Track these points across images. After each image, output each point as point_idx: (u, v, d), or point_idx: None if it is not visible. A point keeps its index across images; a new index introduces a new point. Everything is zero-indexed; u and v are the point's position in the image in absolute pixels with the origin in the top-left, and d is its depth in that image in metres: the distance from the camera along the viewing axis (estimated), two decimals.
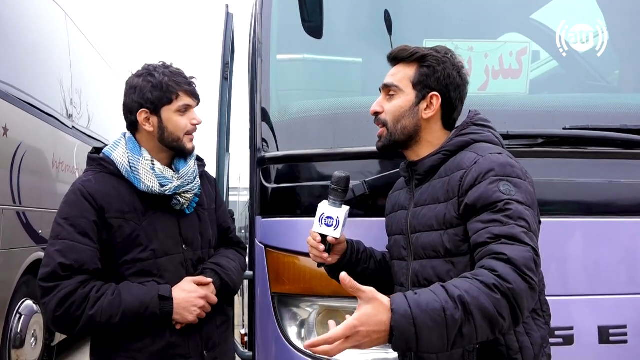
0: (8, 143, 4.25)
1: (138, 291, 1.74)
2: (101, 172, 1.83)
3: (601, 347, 1.91)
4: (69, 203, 1.76)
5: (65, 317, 1.67)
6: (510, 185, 1.39)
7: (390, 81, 1.62)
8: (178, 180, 1.83)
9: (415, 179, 1.62)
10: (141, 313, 1.72)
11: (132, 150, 1.84)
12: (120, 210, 1.77)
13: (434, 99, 1.58)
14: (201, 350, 1.86)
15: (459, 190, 1.45)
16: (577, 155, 2.02)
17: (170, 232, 1.85)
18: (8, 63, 4.34)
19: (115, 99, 7.92)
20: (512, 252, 1.27)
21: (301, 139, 2.16)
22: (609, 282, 1.97)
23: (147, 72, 1.84)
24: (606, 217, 1.99)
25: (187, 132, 1.86)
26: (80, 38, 6.33)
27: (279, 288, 2.08)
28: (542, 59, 2.47)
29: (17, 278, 4.37)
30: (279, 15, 2.30)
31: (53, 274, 1.67)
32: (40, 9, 5.22)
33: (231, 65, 3.28)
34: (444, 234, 1.49)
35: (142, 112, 1.83)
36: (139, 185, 1.80)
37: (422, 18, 2.40)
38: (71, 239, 1.69)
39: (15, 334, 4.39)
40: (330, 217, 1.62)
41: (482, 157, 1.45)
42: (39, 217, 4.81)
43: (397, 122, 1.60)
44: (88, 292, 1.68)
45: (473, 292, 1.21)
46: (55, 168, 5.30)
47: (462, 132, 1.59)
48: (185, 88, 1.85)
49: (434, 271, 1.51)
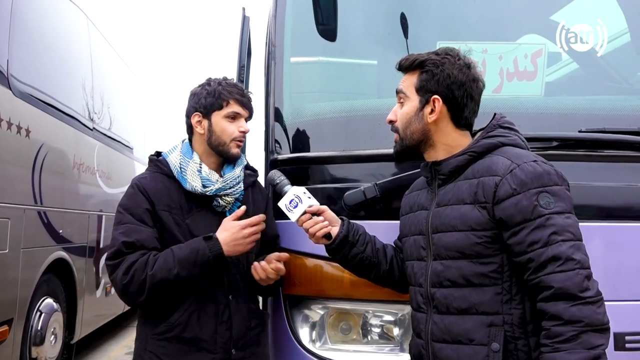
0: (30, 144, 4.33)
1: (186, 243, 1.90)
2: (156, 172, 2.02)
3: (617, 354, 1.87)
4: (127, 196, 1.98)
5: (132, 283, 1.84)
6: (549, 196, 1.43)
7: (399, 88, 1.67)
8: (220, 184, 1.96)
9: (439, 179, 1.62)
10: (194, 259, 1.85)
11: (185, 153, 2.03)
12: (167, 205, 1.95)
13: (435, 102, 1.60)
14: (229, 347, 1.93)
15: (494, 197, 1.47)
16: (594, 158, 1.99)
17: (209, 229, 1.95)
18: (30, 66, 4.43)
19: (135, 100, 8.05)
20: (563, 282, 1.37)
21: (313, 142, 2.17)
22: (626, 288, 1.93)
23: (206, 82, 2.05)
24: (623, 222, 1.96)
25: (233, 138, 1.99)
26: (102, 41, 6.43)
27: (290, 290, 2.09)
28: (561, 61, 2.44)
29: (37, 277, 4.45)
30: (292, 17, 2.32)
31: (118, 252, 1.87)
32: (62, 13, 5.32)
33: (247, 68, 3.30)
34: (470, 235, 1.50)
35: (195, 115, 2.02)
36: (185, 184, 1.97)
37: (436, 20, 2.38)
38: (131, 223, 1.91)
39: (35, 332, 4.47)
40: (291, 201, 1.76)
41: (518, 167, 1.47)
42: (60, 217, 4.90)
43: (406, 128, 1.64)
44: (147, 258, 1.86)
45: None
46: (75, 169, 5.39)
47: (489, 134, 1.60)
48: (236, 97, 2.00)
49: (460, 272, 1.51)
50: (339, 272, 1.96)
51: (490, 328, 1.46)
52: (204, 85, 2.04)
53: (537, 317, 1.45)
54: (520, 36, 2.45)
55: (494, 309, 1.47)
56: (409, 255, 1.71)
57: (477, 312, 1.49)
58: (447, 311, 1.53)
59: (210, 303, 1.93)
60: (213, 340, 1.92)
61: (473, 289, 1.49)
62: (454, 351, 1.50)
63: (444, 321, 1.53)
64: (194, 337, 1.90)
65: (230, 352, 1.93)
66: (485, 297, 1.48)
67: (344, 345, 2.02)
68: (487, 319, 1.47)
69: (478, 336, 1.47)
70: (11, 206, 4.04)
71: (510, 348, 1.45)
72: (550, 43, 2.23)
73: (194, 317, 1.91)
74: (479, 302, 1.48)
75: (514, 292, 1.47)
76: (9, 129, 3.96)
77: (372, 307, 2.01)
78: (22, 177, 4.24)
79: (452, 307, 1.52)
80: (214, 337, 1.92)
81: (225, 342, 1.93)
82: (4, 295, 3.97)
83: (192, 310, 1.91)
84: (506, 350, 1.45)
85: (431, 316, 1.58)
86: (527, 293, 1.47)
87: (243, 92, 2.03)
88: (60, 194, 5.01)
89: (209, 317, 1.92)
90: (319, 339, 2.04)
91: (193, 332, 1.90)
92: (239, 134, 2.00)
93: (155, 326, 1.93)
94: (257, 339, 2.03)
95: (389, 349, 2.01)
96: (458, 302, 1.51)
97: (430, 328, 1.57)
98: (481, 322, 1.48)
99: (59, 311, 4.84)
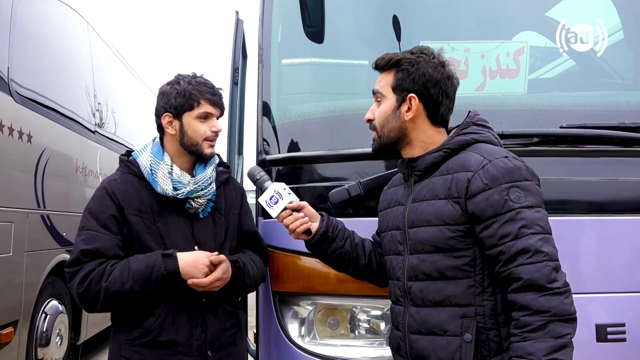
0: (32, 149, 4.40)
1: (144, 257, 1.87)
2: (127, 173, 1.99)
3: (599, 345, 1.91)
4: (94, 199, 1.95)
5: (87, 293, 1.83)
6: (520, 191, 1.47)
7: (375, 88, 1.71)
8: (191, 186, 1.93)
9: (415, 175, 1.67)
10: (149, 275, 1.82)
11: (156, 154, 1.99)
12: (138, 209, 1.92)
13: (412, 100, 1.63)
14: (205, 350, 1.93)
15: (466, 192, 1.51)
16: (574, 153, 2.02)
17: (182, 233, 1.94)
18: (30, 71, 4.50)
19: (137, 102, 8.12)
20: (532, 273, 1.41)
21: (300, 142, 2.21)
22: (607, 280, 1.96)
23: (175, 81, 2.01)
24: (604, 216, 1.99)
25: (206, 138, 1.97)
26: (102, 45, 6.50)
27: (279, 287, 2.13)
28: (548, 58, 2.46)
29: (42, 279, 4.52)
30: (279, 20, 2.36)
31: (76, 259, 1.86)
32: (62, 18, 5.39)
33: (243, 71, 3.34)
34: (444, 229, 1.54)
35: (166, 116, 1.98)
36: (156, 187, 1.93)
37: (422, 20, 2.42)
38: (94, 230, 1.88)
39: (41, 333, 4.54)
40: (271, 197, 1.77)
41: (490, 162, 1.51)
42: (63, 220, 4.96)
43: (384, 127, 1.67)
44: (104, 268, 1.84)
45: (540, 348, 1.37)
46: (78, 173, 5.46)
47: (463, 131, 1.64)
48: (207, 97, 1.97)
49: (434, 266, 1.56)
50: (327, 268, 1.99)
51: (463, 319, 1.51)
52: (173, 84, 1.99)
53: (508, 308, 1.49)
54: (510, 36, 2.48)
55: (467, 301, 1.52)
56: (387, 250, 1.75)
57: (451, 304, 1.53)
58: (423, 304, 1.58)
59: (184, 306, 1.91)
60: (189, 343, 1.91)
61: (447, 282, 1.54)
62: (429, 342, 1.55)
63: (420, 313, 1.58)
64: (170, 340, 1.89)
65: (206, 354, 1.93)
66: (458, 290, 1.52)
67: (332, 340, 2.06)
68: (460, 311, 1.52)
69: (451, 327, 1.52)
70: (14, 210, 4.11)
71: (482, 338, 1.50)
72: (533, 41, 2.27)
73: (169, 320, 1.89)
74: (452, 294, 1.53)
75: (486, 285, 1.52)
76: (11, 135, 4.02)
77: (360, 303, 2.06)
78: (24, 181, 4.31)
79: (427, 299, 1.57)
80: (190, 340, 1.91)
81: (201, 345, 1.92)
82: (8, 297, 4.04)
83: (166, 314, 1.89)
84: (478, 341, 1.49)
85: (408, 309, 1.62)
86: (499, 285, 1.51)
87: (214, 90, 2.00)
88: (64, 198, 5.08)
89: (184, 320, 1.91)
90: (307, 334, 2.09)
91: (168, 335, 1.89)
92: (211, 134, 1.97)
93: (129, 332, 1.90)
94: (233, 339, 2.02)
95: (377, 343, 2.05)
96: (433, 294, 1.56)
97: (407, 320, 1.62)
98: (454, 314, 1.52)
99: (64, 313, 4.91)
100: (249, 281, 2.01)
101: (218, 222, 2.04)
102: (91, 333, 5.77)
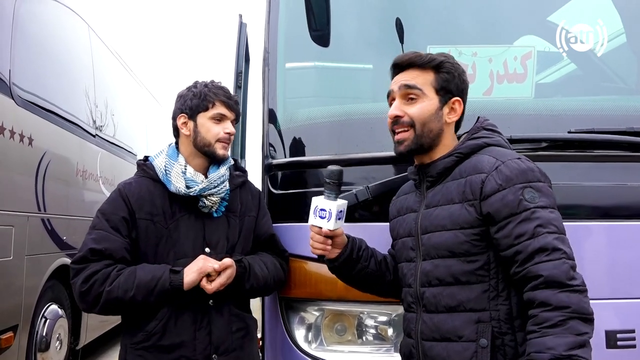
0: (33, 152, 4.38)
1: (152, 267, 1.88)
2: (143, 177, 2.02)
3: (608, 351, 1.89)
4: (108, 200, 1.98)
5: (89, 293, 1.84)
6: (534, 191, 1.46)
7: (413, 83, 1.61)
8: (204, 184, 1.95)
9: (427, 181, 1.65)
10: (153, 287, 1.83)
11: (171, 156, 2.03)
12: (149, 213, 1.94)
13: (456, 104, 1.64)
14: (210, 353, 1.91)
15: (480, 193, 1.50)
16: (583, 158, 2.01)
17: (193, 234, 1.95)
18: (32, 74, 4.48)
19: (138, 106, 8.11)
20: (551, 270, 1.39)
21: (307, 146, 2.20)
22: (616, 286, 1.95)
23: (193, 85, 2.07)
24: (612, 221, 1.98)
25: (219, 139, 1.99)
26: (103, 49, 6.50)
27: (286, 292, 2.12)
28: (556, 62, 2.46)
29: (42, 283, 4.50)
30: (286, 23, 2.35)
31: (84, 257, 1.87)
32: (64, 22, 5.38)
33: (246, 74, 3.34)
34: (459, 234, 1.52)
35: (181, 116, 2.03)
36: (169, 186, 1.96)
37: (428, 24, 2.41)
38: (104, 230, 1.90)
39: (40, 338, 4.51)
40: (323, 210, 1.65)
41: (503, 163, 1.50)
42: (64, 223, 4.95)
43: (424, 126, 1.61)
44: (110, 271, 1.85)
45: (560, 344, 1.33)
46: (79, 176, 5.44)
47: (473, 135, 1.63)
48: (222, 99, 2.01)
49: (448, 271, 1.54)
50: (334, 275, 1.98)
51: (478, 324, 1.49)
52: (191, 87, 2.05)
53: (523, 312, 1.47)
54: (514, 39, 2.48)
55: (482, 305, 1.50)
56: (399, 257, 1.73)
57: (465, 310, 1.51)
58: (436, 310, 1.56)
59: (189, 308, 1.90)
60: (192, 347, 1.89)
61: (461, 287, 1.52)
62: (443, 349, 1.53)
63: (433, 319, 1.56)
64: (172, 344, 1.88)
65: (210, 357, 1.91)
66: (472, 295, 1.51)
67: (339, 346, 2.05)
68: (474, 316, 1.50)
69: (466, 333, 1.50)
70: (15, 214, 4.10)
71: (498, 343, 1.48)
72: (540, 45, 2.26)
73: (171, 323, 1.89)
74: (466, 299, 1.51)
75: (501, 289, 1.50)
76: (12, 138, 4.01)
77: (367, 308, 2.04)
78: (25, 185, 4.30)
79: (440, 305, 1.55)
80: (193, 343, 1.89)
81: (205, 348, 1.91)
82: (8, 302, 4.02)
83: (169, 317, 1.89)
84: (494, 346, 1.48)
85: (421, 315, 1.60)
86: (514, 289, 1.50)
87: (229, 94, 2.04)
88: (64, 201, 5.06)
89: (187, 323, 1.90)
90: (314, 340, 2.07)
91: (171, 339, 1.88)
92: (225, 135, 2.00)
93: (133, 335, 1.91)
94: (240, 343, 2.00)
95: (384, 350, 2.04)
96: (446, 300, 1.54)
97: (420, 327, 1.60)
98: (469, 319, 1.51)
99: (64, 317, 4.88)
100: (256, 282, 1.97)
101: (232, 224, 2.04)
102: (90, 337, 5.74)
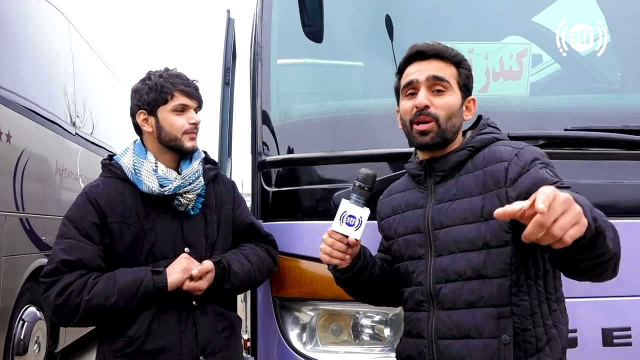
0: (11, 150, 4.26)
1: (132, 270, 1.79)
2: (110, 177, 1.89)
3: (605, 349, 1.90)
4: (75, 205, 1.84)
5: (66, 305, 1.72)
6: (555, 171, 1.47)
7: (442, 75, 1.57)
8: (179, 181, 1.85)
9: (436, 176, 1.61)
10: (136, 290, 1.74)
11: (138, 154, 1.90)
12: (122, 215, 1.82)
13: (471, 102, 1.66)
14: (196, 355, 1.84)
15: (505, 180, 1.47)
16: (579, 156, 2.01)
17: (171, 234, 1.86)
18: (10, 70, 4.36)
19: (118, 105, 7.97)
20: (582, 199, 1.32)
21: (301, 143, 2.16)
22: (612, 284, 1.93)
23: (147, 77, 1.92)
24: (608, 219, 1.98)
25: (185, 131, 1.88)
26: (83, 45, 6.37)
27: (280, 292, 2.07)
28: (545, 61, 2.47)
29: (20, 285, 4.37)
30: (279, 19, 2.31)
31: (55, 269, 1.74)
32: (43, 16, 5.25)
33: (233, 71, 3.28)
34: (482, 226, 1.49)
35: (140, 113, 1.90)
36: (141, 186, 1.84)
37: (421, 21, 2.40)
38: (74, 239, 1.77)
39: (18, 341, 4.39)
40: (353, 217, 1.50)
41: (521, 149, 1.51)
42: (42, 223, 4.82)
43: (449, 120, 1.57)
44: (86, 280, 1.74)
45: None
46: (58, 175, 5.31)
47: (482, 131, 1.63)
48: (181, 88, 1.88)
49: (469, 264, 1.49)
50: (329, 273, 1.94)
51: (499, 320, 1.45)
52: (145, 79, 1.91)
53: (541, 307, 1.46)
54: (504, 37, 2.48)
55: (503, 301, 1.46)
56: (399, 256, 1.67)
57: (486, 305, 1.47)
58: (454, 306, 1.51)
59: (172, 310, 1.82)
60: (178, 350, 1.80)
61: (482, 282, 1.48)
62: (463, 346, 1.48)
63: (452, 317, 1.51)
64: (156, 348, 1.78)
65: (198, 359, 1.84)
66: (493, 289, 1.47)
67: (334, 347, 2.01)
68: (495, 311, 1.46)
69: (488, 329, 1.46)
70: None
71: (519, 340, 1.45)
72: (536, 42, 2.26)
73: (155, 326, 1.79)
74: (487, 294, 1.47)
75: (521, 284, 1.47)
76: None
77: (363, 308, 2.00)
78: (3, 183, 4.17)
79: (459, 301, 1.50)
80: (179, 345, 1.81)
81: (192, 350, 1.83)
82: None
83: (152, 320, 1.79)
84: (515, 342, 1.44)
85: (435, 313, 1.54)
86: (534, 284, 1.47)
87: (188, 81, 1.91)
88: (43, 200, 4.93)
89: (172, 325, 1.81)
90: (309, 340, 2.03)
91: (155, 342, 1.78)
92: (190, 126, 1.88)
93: (112, 342, 1.79)
94: (226, 343, 1.92)
95: (380, 350, 2.00)
96: (466, 295, 1.49)
97: (434, 325, 1.54)
98: (490, 315, 1.46)
99: (42, 319, 4.76)
100: (237, 280, 1.90)
101: (210, 220, 1.95)
102: (69, 340, 5.62)
